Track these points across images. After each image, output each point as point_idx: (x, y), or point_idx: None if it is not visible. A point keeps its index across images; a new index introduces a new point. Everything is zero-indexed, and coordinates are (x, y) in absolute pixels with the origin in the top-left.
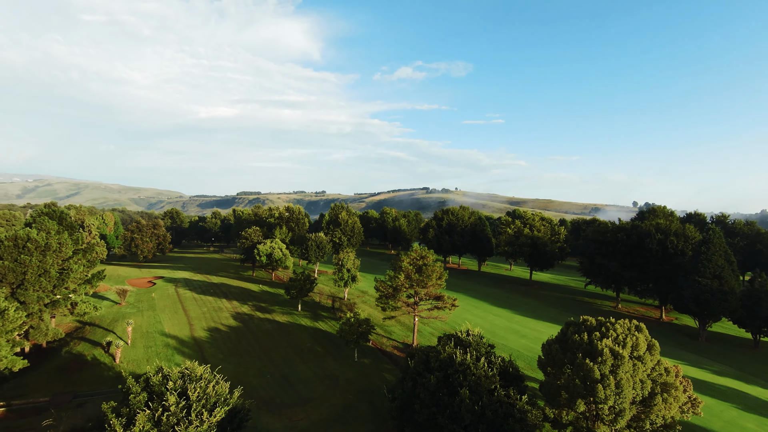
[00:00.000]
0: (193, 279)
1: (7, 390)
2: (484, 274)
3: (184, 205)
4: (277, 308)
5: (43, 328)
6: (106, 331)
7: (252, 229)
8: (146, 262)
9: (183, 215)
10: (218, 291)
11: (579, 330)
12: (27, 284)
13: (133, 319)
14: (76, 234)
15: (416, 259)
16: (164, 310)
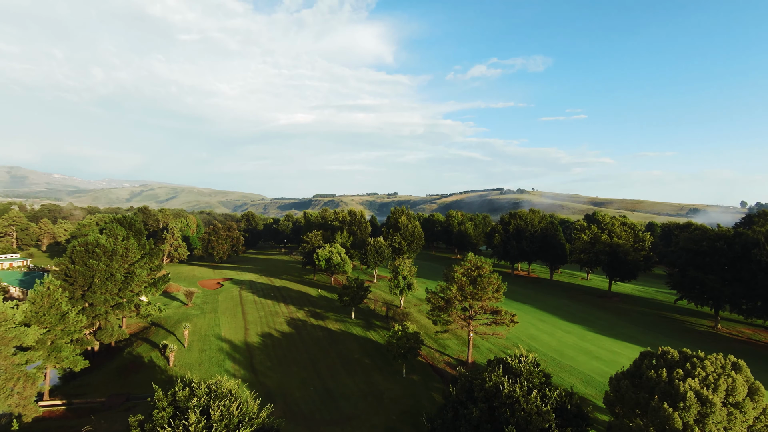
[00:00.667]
0: (257, 282)
1: (71, 388)
2: (556, 284)
3: (266, 207)
4: (331, 315)
5: (109, 329)
6: (168, 332)
7: (313, 233)
8: (221, 262)
9: (258, 218)
10: (278, 295)
11: (656, 364)
12: (95, 287)
13: (195, 320)
14: (143, 239)
15: (470, 270)
16: (225, 312)
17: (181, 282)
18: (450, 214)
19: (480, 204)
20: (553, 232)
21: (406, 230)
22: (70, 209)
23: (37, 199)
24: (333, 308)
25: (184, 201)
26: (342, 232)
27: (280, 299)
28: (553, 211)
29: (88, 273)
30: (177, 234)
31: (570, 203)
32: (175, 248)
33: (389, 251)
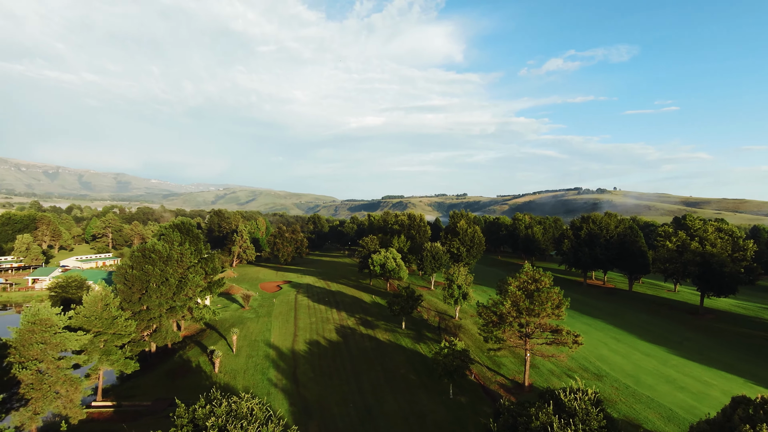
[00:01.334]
0: (314, 285)
1: (125, 389)
2: (636, 296)
3: (336, 208)
4: (382, 324)
5: (163, 332)
6: (220, 336)
7: (369, 237)
8: (286, 264)
9: (324, 220)
10: (332, 300)
11: (753, 416)
12: (150, 291)
13: (248, 325)
14: (200, 244)
15: (527, 283)
16: (278, 317)
17: (244, 284)
18: (516, 218)
19: (553, 205)
20: (632, 238)
21: (465, 235)
22: (161, 212)
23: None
24: (384, 316)
25: (262, 203)
26: (399, 237)
27: (333, 305)
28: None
29: (144, 277)
30: (245, 236)
31: (658, 203)
32: (243, 250)
33: (447, 257)
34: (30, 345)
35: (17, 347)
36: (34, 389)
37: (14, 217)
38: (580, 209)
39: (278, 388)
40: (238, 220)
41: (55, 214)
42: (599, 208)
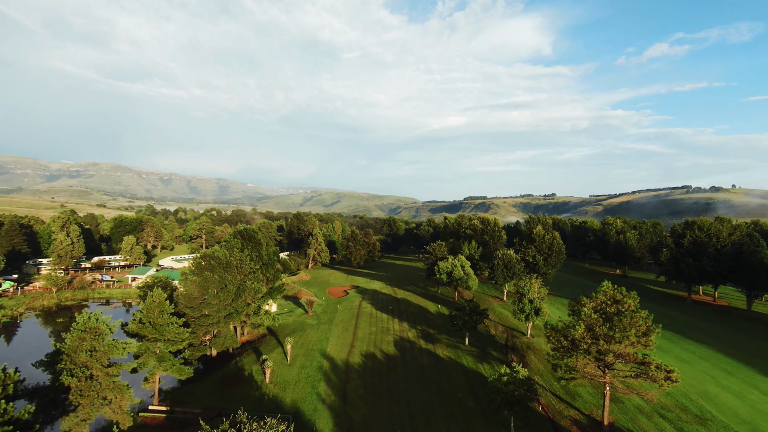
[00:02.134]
0: (380, 292)
1: (181, 394)
2: (756, 317)
3: (418, 210)
4: (444, 338)
5: (221, 338)
6: (278, 343)
7: (437, 243)
8: (358, 267)
9: (399, 222)
10: (395, 308)
11: None
12: (209, 297)
13: (308, 332)
14: (262, 250)
15: (605, 304)
16: (339, 325)
17: (314, 287)
18: (606, 221)
19: (655, 206)
20: (751, 247)
21: (542, 242)
22: (252, 214)
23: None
24: (447, 329)
25: (346, 205)
26: (470, 242)
27: (396, 314)
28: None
29: (204, 283)
30: (320, 239)
31: None
32: (318, 252)
33: (520, 266)
34: (79, 352)
35: (69, 353)
36: (83, 396)
37: (125, 220)
38: (688, 210)
39: (325, 405)
40: (314, 223)
41: (162, 216)
42: (712, 209)
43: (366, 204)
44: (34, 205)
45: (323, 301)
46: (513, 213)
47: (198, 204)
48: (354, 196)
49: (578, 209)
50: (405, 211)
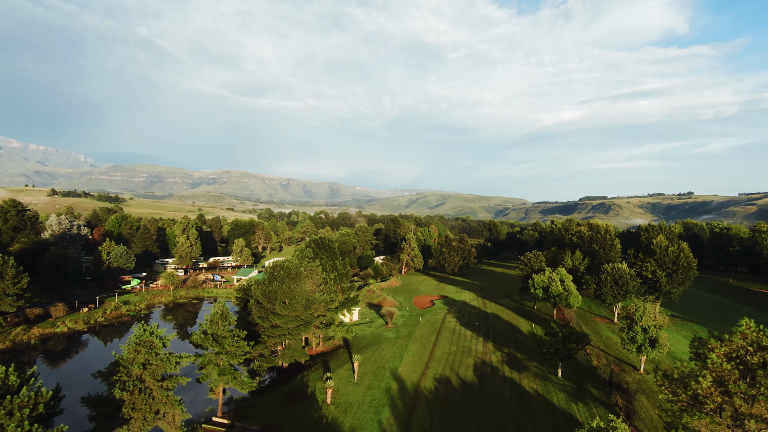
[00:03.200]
0: (469, 304)
1: (243, 408)
2: None
3: (527, 211)
4: (533, 366)
5: (289, 350)
6: (348, 358)
7: (532, 253)
8: (452, 274)
9: (500, 226)
10: (482, 325)
11: None
12: (278, 308)
13: (383, 347)
14: (336, 260)
15: (743, 350)
16: (417, 341)
17: (401, 295)
18: (758, 228)
19: None
20: None
21: (664, 255)
22: (356, 217)
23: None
24: (539, 354)
25: (451, 207)
26: (574, 253)
27: (482, 332)
28: None
29: (273, 294)
30: (414, 244)
31: None
32: (411, 258)
33: (635, 283)
34: (134, 365)
35: (125, 365)
36: (135, 409)
37: (239, 224)
38: None
39: None
40: (408, 228)
41: (274, 219)
42: None
43: (471, 205)
44: (178, 208)
45: (406, 312)
46: (639, 215)
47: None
48: (459, 198)
49: (723, 210)
50: (513, 212)
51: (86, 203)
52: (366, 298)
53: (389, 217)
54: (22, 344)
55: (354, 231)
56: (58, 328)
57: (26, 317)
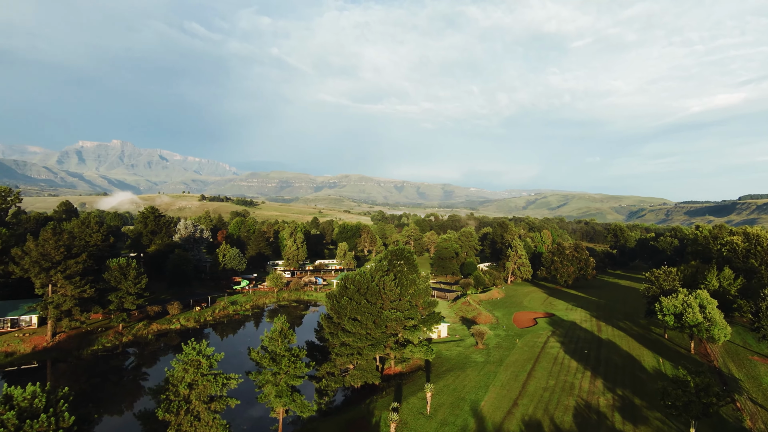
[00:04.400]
0: (579, 326)
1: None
2: None
3: (668, 213)
4: (655, 418)
5: (358, 371)
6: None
7: (662, 269)
8: (565, 287)
9: (627, 232)
10: (593, 355)
11: None
12: (347, 324)
13: (467, 372)
14: (413, 274)
15: None
16: (509, 368)
17: (500, 310)
18: None
19: None
20: None
21: None
22: (466, 220)
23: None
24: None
25: (575, 207)
26: (721, 270)
27: (591, 363)
28: None
29: (342, 310)
30: (521, 251)
31: None
32: (518, 266)
33: None
34: (181, 384)
35: (174, 384)
36: (179, 431)
37: (346, 227)
38: None
39: None
40: (515, 232)
41: (382, 222)
42: None
43: (599, 206)
44: (301, 211)
45: (502, 331)
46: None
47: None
48: (584, 198)
49: None
50: (650, 214)
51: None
52: (460, 311)
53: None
54: (142, 339)
55: (457, 236)
56: (173, 324)
57: (147, 314)
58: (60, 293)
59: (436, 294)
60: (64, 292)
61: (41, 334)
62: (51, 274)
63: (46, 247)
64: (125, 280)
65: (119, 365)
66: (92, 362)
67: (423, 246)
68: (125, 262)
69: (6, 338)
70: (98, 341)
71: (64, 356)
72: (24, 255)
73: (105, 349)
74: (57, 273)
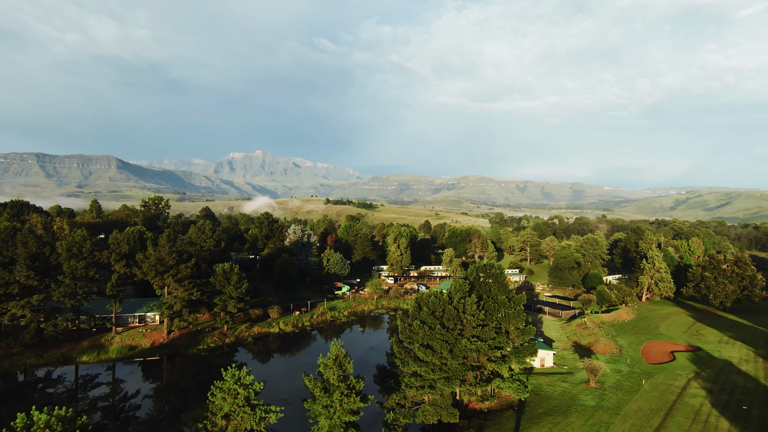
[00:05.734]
0: (736, 367)
1: None
2: None
3: None
4: None
5: (431, 407)
6: (512, 430)
7: None
8: (721, 310)
9: None
10: (754, 415)
11: None
12: (420, 351)
13: (570, 419)
14: (502, 296)
15: None
16: (628, 419)
17: (626, 336)
18: None
19: None
20: None
21: None
22: (596, 223)
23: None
24: None
25: (740, 208)
26: None
27: (752, 427)
28: None
29: (414, 335)
30: (659, 264)
31: None
32: (655, 282)
33: None
34: (218, 415)
35: (215, 411)
36: None
37: (456, 231)
38: None
39: None
40: (653, 241)
41: (497, 226)
42: None
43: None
44: (418, 213)
45: (625, 366)
46: None
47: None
48: (754, 196)
49: None
50: None
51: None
52: (573, 335)
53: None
54: (243, 340)
55: (580, 243)
56: (273, 328)
57: (249, 317)
58: (172, 295)
59: (547, 311)
60: (175, 294)
61: (160, 331)
62: (164, 277)
63: (162, 253)
64: (228, 285)
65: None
66: (197, 360)
67: (541, 253)
68: (228, 267)
69: (132, 333)
70: (204, 341)
71: (175, 353)
72: (145, 259)
73: (209, 349)
74: (169, 276)
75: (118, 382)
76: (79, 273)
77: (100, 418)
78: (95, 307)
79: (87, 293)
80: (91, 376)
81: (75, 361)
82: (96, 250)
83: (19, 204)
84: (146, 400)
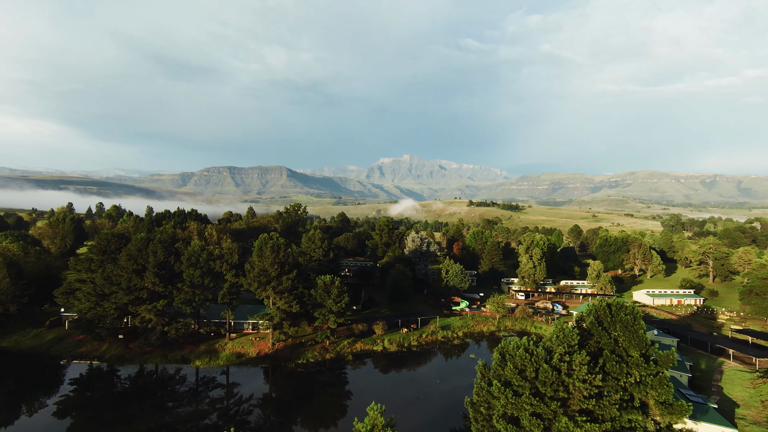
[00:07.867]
0: None
1: None
2: None
3: None
4: None
5: None
6: None
7: None
8: None
9: None
10: None
11: None
12: (499, 425)
13: None
14: (634, 352)
15: None
16: None
17: None
18: None
19: None
20: None
21: None
22: None
23: None
24: None
25: None
26: None
27: None
28: None
29: (493, 402)
30: None
31: None
32: None
33: None
34: None
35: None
36: None
37: (609, 240)
38: None
39: None
40: None
41: (671, 230)
42: None
43: None
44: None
45: None
46: None
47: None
48: None
49: None
50: None
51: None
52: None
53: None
54: (343, 357)
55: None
56: (376, 346)
57: (353, 332)
58: (275, 306)
59: (732, 353)
60: (278, 305)
61: (266, 340)
62: (267, 288)
63: (265, 264)
64: (328, 298)
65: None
66: (297, 374)
67: (730, 268)
68: (329, 279)
69: (243, 340)
70: (304, 354)
71: (277, 364)
72: (251, 269)
73: (308, 364)
74: (269, 288)
75: (232, 387)
76: (196, 281)
77: (216, 418)
78: (213, 313)
79: (203, 300)
80: (208, 378)
81: (191, 363)
82: (210, 260)
83: (183, 213)
84: (254, 408)
